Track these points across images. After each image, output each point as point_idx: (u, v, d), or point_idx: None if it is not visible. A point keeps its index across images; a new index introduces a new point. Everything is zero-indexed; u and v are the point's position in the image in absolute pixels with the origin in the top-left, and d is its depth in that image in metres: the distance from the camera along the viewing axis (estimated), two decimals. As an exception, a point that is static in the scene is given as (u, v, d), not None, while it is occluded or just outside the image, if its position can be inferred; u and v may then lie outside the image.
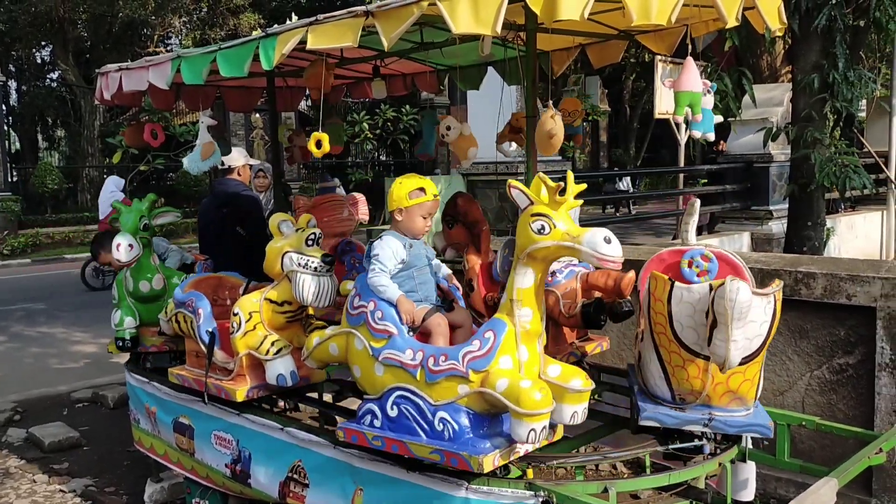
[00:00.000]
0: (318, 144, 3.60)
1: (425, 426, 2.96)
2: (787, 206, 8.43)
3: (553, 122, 3.47)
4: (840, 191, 7.07)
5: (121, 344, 4.71)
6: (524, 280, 2.86)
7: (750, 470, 3.68)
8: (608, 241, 2.67)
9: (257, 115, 22.13)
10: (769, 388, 4.91)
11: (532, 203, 2.87)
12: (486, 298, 3.98)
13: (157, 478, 5.13)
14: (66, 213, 22.54)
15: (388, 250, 3.18)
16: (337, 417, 4.23)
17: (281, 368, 3.68)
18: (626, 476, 3.28)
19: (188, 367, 4.21)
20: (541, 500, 2.90)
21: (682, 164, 12.82)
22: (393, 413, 3.05)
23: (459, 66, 5.06)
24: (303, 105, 27.29)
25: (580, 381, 2.86)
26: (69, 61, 25.00)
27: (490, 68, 5.13)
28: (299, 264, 3.56)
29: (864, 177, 6.92)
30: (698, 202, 3.68)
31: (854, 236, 12.10)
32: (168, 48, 27.14)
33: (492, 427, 2.96)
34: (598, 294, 3.74)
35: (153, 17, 25.01)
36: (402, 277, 3.23)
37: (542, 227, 2.79)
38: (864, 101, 13.38)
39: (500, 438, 2.93)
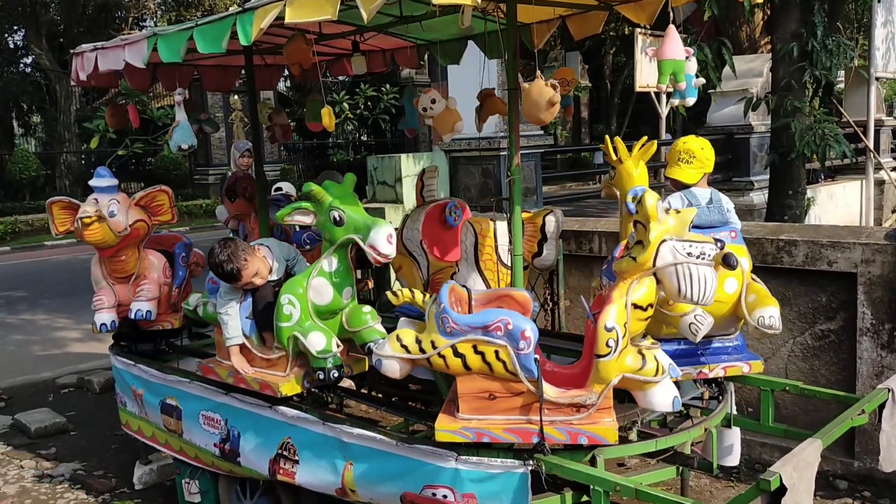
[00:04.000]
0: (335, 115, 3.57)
1: None
2: (767, 176, 8.48)
3: (552, 91, 3.42)
4: (820, 159, 7.11)
5: (322, 376, 3.51)
6: None
7: (735, 436, 3.74)
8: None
9: (236, 96, 21.90)
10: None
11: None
12: None
13: (145, 460, 5.13)
14: (44, 199, 22.19)
15: None
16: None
17: (671, 390, 2.93)
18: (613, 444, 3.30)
19: (482, 415, 3.01)
20: (530, 468, 2.93)
21: (663, 137, 12.86)
22: None
23: (439, 41, 5.03)
24: (281, 86, 27.05)
25: None
26: (43, 45, 24.59)
27: (470, 42, 5.10)
28: (690, 254, 2.83)
29: (844, 145, 6.96)
30: (437, 168, 4.82)
31: (834, 206, 12.20)
32: (143, 30, 26.79)
33: None
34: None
35: (127, -1, 24.67)
36: None
37: None
38: (843, 72, 13.44)
39: None
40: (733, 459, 3.78)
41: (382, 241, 3.33)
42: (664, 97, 11.51)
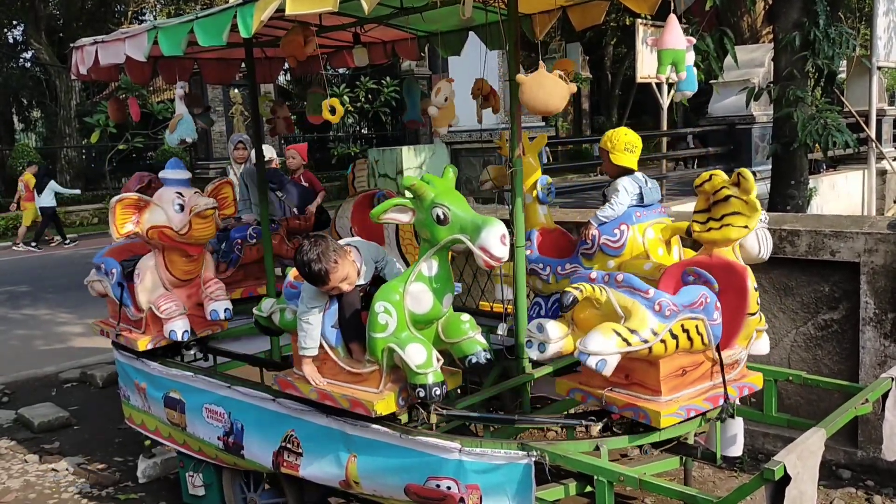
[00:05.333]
0: (332, 110, 3.59)
1: None
2: (769, 167, 8.47)
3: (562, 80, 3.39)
4: (823, 149, 7.10)
5: (423, 393, 3.08)
6: None
7: (738, 426, 3.73)
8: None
9: (236, 90, 21.87)
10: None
11: None
12: None
13: (149, 453, 5.14)
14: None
15: None
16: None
17: (767, 337, 3.66)
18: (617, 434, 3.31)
19: (679, 392, 3.15)
20: (534, 459, 2.93)
21: (664, 128, 12.83)
22: None
23: (440, 32, 5.02)
24: (281, 80, 27.00)
25: None
26: (42, 40, 24.56)
27: (471, 33, 5.09)
28: (761, 220, 3.48)
29: (846, 134, 6.95)
30: (366, 160, 5.85)
31: (836, 196, 12.20)
32: (143, 24, 26.70)
33: None
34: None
35: (126, -7, 24.62)
36: None
37: None
38: (844, 62, 13.40)
39: None
40: (736, 450, 3.78)
41: (495, 242, 2.94)
42: (665, 88, 11.47)
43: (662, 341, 2.96)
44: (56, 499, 4.93)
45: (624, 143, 4.18)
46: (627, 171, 4.19)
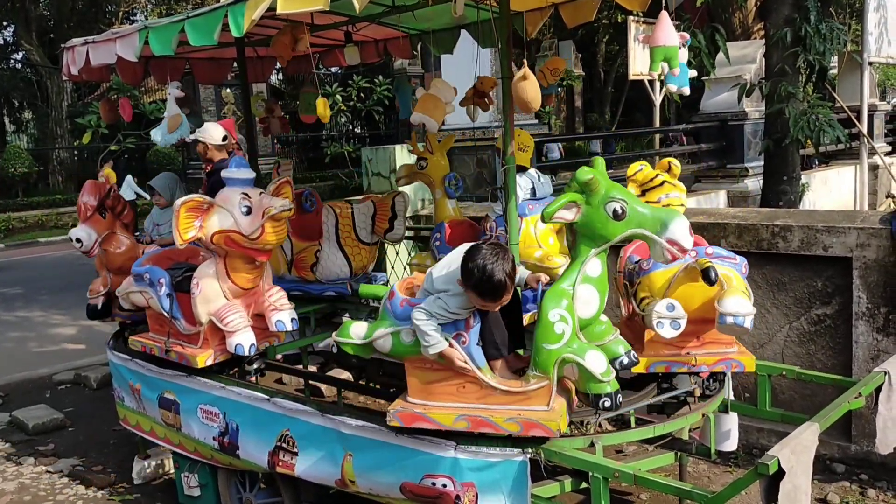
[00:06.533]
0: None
1: None
2: (762, 163, 8.49)
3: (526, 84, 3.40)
4: (814, 144, 7.12)
5: (609, 403, 2.88)
6: None
7: (732, 421, 3.75)
8: None
9: (228, 90, 21.81)
10: (749, 340, 4.98)
11: None
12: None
13: (144, 454, 5.13)
14: (37, 196, 22.19)
15: None
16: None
17: None
18: (611, 431, 3.32)
19: None
20: (529, 456, 2.93)
21: (657, 125, 12.86)
22: None
23: (432, 30, 5.02)
24: (273, 79, 26.93)
25: None
26: (33, 41, 24.47)
27: (463, 31, 5.09)
28: None
29: (838, 130, 6.97)
30: (291, 161, 6.17)
31: (828, 191, 12.22)
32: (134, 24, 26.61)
33: None
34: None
35: (117, -7, 24.54)
36: None
37: None
38: (836, 57, 13.42)
39: None
40: (731, 444, 3.80)
41: (684, 233, 2.82)
42: (658, 85, 11.49)
43: None
44: (51, 501, 4.92)
45: (517, 144, 4.47)
46: (521, 169, 4.52)
